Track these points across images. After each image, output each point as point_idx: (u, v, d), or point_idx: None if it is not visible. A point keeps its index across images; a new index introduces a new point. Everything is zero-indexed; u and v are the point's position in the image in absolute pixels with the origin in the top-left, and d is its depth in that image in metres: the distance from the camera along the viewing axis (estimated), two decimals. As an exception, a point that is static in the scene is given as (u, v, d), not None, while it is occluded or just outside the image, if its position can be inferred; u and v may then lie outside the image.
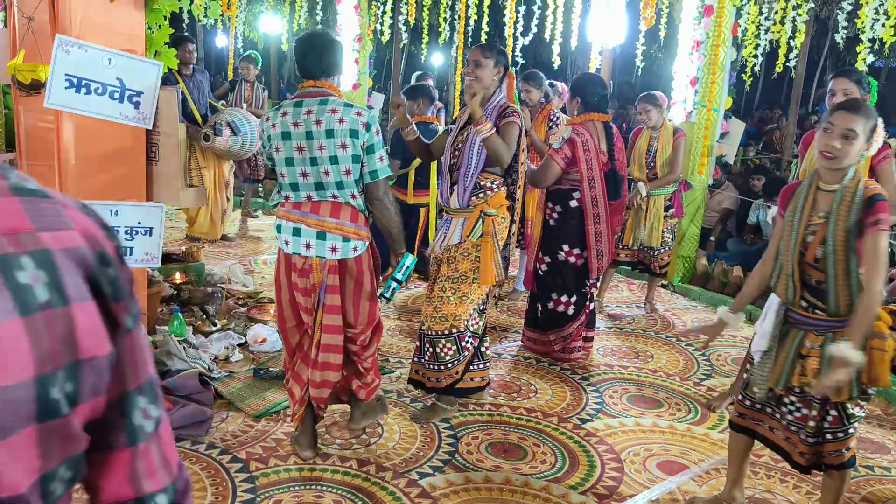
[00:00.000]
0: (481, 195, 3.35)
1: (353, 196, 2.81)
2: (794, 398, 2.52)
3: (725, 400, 3.79)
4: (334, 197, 2.80)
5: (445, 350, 3.39)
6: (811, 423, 2.47)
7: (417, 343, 3.53)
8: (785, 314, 2.51)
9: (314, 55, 2.80)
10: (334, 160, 2.74)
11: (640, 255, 5.25)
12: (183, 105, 6.33)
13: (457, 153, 3.38)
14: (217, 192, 6.57)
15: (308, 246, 2.82)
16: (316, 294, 2.88)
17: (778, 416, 2.59)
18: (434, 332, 3.39)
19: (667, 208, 5.23)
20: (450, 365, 3.41)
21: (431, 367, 3.44)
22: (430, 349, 3.42)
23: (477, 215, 3.34)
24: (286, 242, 2.87)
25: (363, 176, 2.81)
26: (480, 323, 3.52)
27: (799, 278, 2.42)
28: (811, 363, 2.40)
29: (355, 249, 2.86)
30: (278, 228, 2.90)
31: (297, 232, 2.84)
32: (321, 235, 2.81)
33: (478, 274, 3.32)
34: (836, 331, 2.37)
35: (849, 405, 2.44)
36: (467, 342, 3.43)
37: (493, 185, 3.36)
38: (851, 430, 2.48)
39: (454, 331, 3.37)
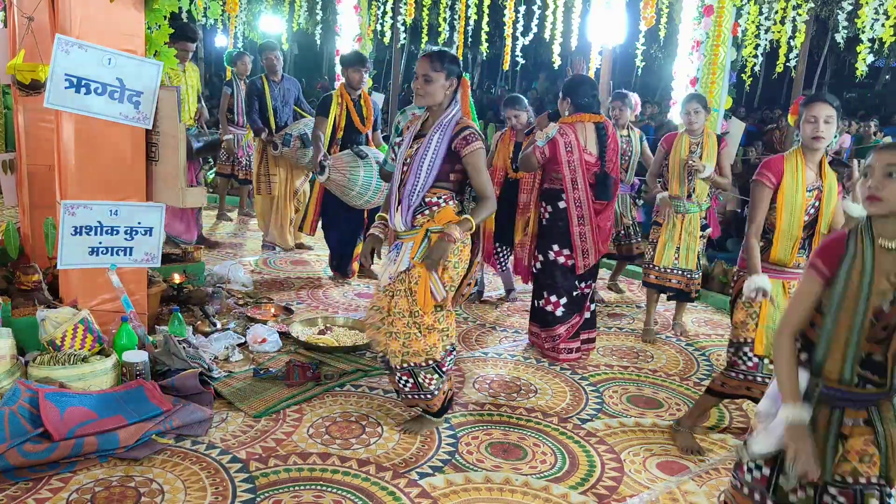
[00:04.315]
0: (427, 212, 3.08)
1: None
2: (835, 491, 1.91)
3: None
4: None
5: (428, 380, 3.16)
6: None
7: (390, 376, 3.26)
8: (820, 393, 1.91)
9: None
10: None
11: (680, 278, 4.72)
12: (261, 111, 6.34)
13: (405, 168, 3.10)
14: (285, 201, 6.47)
15: None
16: None
17: None
18: (412, 364, 3.12)
19: (703, 227, 4.75)
20: (436, 391, 3.20)
21: (417, 396, 3.21)
22: (411, 380, 3.16)
23: (423, 235, 3.04)
24: None
25: None
26: (453, 338, 3.27)
27: (862, 353, 1.87)
28: (855, 444, 1.88)
29: None
30: None
31: None
32: None
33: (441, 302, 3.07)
34: (882, 401, 1.89)
35: None
36: (448, 360, 3.24)
37: (441, 200, 3.08)
38: None
39: (431, 361, 3.13)
